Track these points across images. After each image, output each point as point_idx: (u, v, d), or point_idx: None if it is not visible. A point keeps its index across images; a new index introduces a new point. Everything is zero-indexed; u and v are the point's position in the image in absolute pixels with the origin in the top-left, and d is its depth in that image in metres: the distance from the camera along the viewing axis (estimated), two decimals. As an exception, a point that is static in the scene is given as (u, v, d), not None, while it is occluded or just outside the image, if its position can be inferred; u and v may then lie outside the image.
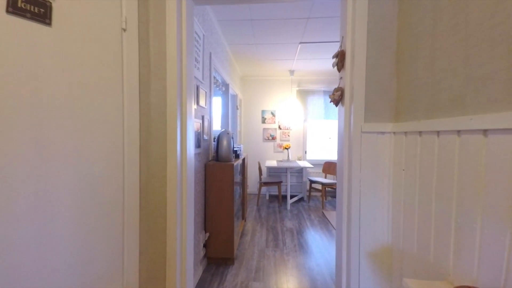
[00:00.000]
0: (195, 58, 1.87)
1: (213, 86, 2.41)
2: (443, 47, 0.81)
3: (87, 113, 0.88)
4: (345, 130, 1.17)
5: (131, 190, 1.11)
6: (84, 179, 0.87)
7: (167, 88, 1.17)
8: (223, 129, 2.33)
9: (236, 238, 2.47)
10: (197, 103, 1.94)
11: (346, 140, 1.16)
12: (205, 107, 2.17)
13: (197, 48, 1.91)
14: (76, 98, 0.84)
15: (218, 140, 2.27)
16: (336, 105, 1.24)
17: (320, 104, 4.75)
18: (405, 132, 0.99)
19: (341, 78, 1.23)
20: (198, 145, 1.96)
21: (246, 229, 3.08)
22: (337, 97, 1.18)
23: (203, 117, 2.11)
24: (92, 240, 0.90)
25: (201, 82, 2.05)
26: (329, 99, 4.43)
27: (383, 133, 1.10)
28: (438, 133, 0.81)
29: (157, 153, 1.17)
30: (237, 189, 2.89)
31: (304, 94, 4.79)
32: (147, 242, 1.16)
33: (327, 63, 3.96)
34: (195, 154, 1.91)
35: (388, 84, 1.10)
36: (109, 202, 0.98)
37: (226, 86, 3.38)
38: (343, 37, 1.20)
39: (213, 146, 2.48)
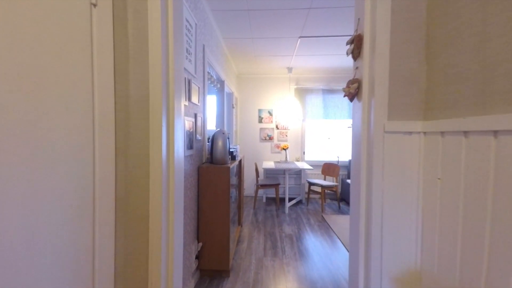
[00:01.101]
0: (187, 49, 1.66)
1: (207, 81, 2.20)
2: (501, 21, 0.64)
3: (43, 108, 0.66)
4: (363, 129, 0.98)
5: (105, 202, 0.90)
6: (38, 191, 0.66)
7: (150, 77, 0.96)
8: (218, 129, 2.13)
9: (232, 247, 2.27)
10: (189, 99, 1.73)
11: (364, 142, 0.98)
12: (198, 104, 1.96)
13: (189, 38, 1.70)
14: (27, 88, 0.63)
15: (213, 140, 2.07)
16: (351, 100, 1.05)
17: (319, 103, 4.59)
18: (442, 132, 0.82)
19: (356, 68, 1.04)
20: (190, 146, 1.76)
21: (242, 236, 2.89)
22: (353, 90, 0.99)
23: (195, 115, 1.91)
24: (47, 272, 0.69)
25: (194, 76, 1.84)
26: (334, 95, 4.22)
27: (410, 133, 0.92)
28: (495, 133, 0.63)
29: (137, 156, 0.97)
30: (233, 193, 2.69)
31: (302, 92, 4.62)
32: (125, 266, 0.95)
33: (327, 60, 3.80)
34: (187, 156, 1.70)
35: (416, 73, 0.92)
36: (73, 219, 0.77)
37: (221, 83, 3.17)
38: (359, 19, 1.01)
39: (207, 147, 2.28)
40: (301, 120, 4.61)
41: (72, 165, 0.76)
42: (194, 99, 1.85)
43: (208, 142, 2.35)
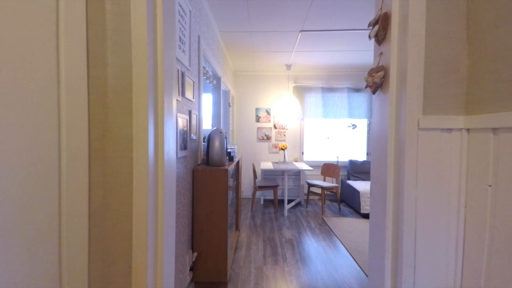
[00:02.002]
0: (180, 38, 1.48)
1: (202, 76, 2.03)
2: None
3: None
4: (390, 127, 0.82)
5: (74, 218, 0.72)
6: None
7: (133, 62, 0.78)
8: (215, 128, 1.96)
9: (230, 255, 2.10)
10: (182, 94, 1.56)
11: (392, 142, 0.82)
12: (193, 100, 1.78)
13: (182, 26, 1.53)
14: None
15: (209, 140, 1.89)
16: (374, 92, 0.90)
17: (318, 101, 4.44)
18: (495, 129, 0.67)
19: (381, 53, 0.89)
20: (183, 146, 1.58)
21: (240, 241, 2.71)
22: (379, 80, 0.83)
23: (190, 112, 1.73)
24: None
25: (188, 69, 1.66)
26: (333, 94, 4.09)
27: (449, 130, 0.76)
28: None
29: (118, 159, 0.79)
30: (231, 196, 2.52)
31: (301, 90, 4.47)
32: (100, 296, 0.77)
33: (327, 57, 3.66)
34: (180, 157, 1.53)
35: (456, 59, 0.76)
36: (33, 238, 0.59)
37: (218, 79, 2.99)
38: (384, -4, 0.86)
39: (202, 147, 2.10)
40: (300, 119, 4.46)
41: (23, 172, 0.58)
42: (189, 94, 1.67)
43: (204, 142, 2.17)
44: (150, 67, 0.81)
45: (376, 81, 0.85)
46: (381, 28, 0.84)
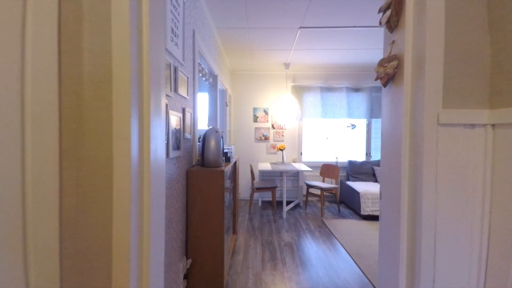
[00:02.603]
0: (172, 30, 1.39)
1: (197, 72, 1.93)
2: None
3: None
4: (404, 122, 0.73)
5: (43, 229, 0.62)
6: None
7: (113, 48, 0.69)
8: (211, 127, 1.86)
9: (227, 260, 2.00)
10: (175, 90, 1.46)
11: (406, 139, 0.73)
12: (187, 97, 1.68)
13: (175, 17, 1.43)
14: None
15: (204, 140, 1.79)
16: (385, 84, 0.81)
17: (317, 101, 4.37)
18: (529, 124, 0.58)
19: (393, 42, 0.80)
20: (177, 146, 1.48)
21: (237, 245, 2.61)
22: (391, 71, 0.75)
23: (184, 110, 1.63)
24: None
25: (181, 64, 1.57)
26: (332, 94, 4.02)
27: (472, 125, 0.68)
28: None
29: (95, 159, 0.69)
30: (228, 198, 2.42)
31: (299, 90, 4.39)
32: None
33: (327, 55, 3.58)
34: (172, 158, 1.42)
35: (478, 46, 0.68)
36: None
37: (214, 77, 2.90)
38: (396, -21, 0.77)
39: (197, 147, 2.00)
40: (298, 119, 4.38)
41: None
42: (182, 91, 1.57)
43: (199, 142, 2.07)
44: (134, 54, 0.71)
45: (388, 71, 0.76)
46: (393, 13, 0.75)
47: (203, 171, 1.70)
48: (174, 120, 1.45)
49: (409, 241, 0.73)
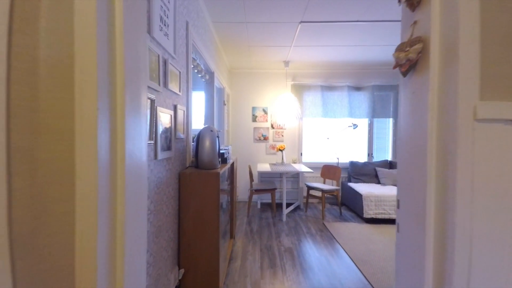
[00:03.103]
0: (161, 18, 1.26)
1: (191, 66, 1.80)
2: None
3: None
4: (431, 118, 0.61)
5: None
6: None
7: (76, 28, 0.56)
8: (206, 125, 1.73)
9: (223, 267, 1.87)
10: (165, 84, 1.33)
11: (433, 138, 0.61)
12: (179, 93, 1.56)
13: (164, 4, 1.30)
14: None
15: (198, 140, 1.66)
16: (406, 73, 0.68)
17: (317, 100, 4.25)
18: None
19: (415, 22, 0.67)
20: (166, 146, 1.35)
21: (235, 251, 2.48)
22: (415, 55, 0.62)
23: (175, 107, 1.50)
24: None
25: (172, 57, 1.44)
26: (333, 93, 3.91)
27: (517, 122, 0.55)
28: None
29: (53, 163, 0.56)
30: (224, 202, 2.29)
31: (299, 89, 4.27)
32: None
33: (327, 53, 3.46)
34: (162, 160, 1.30)
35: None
36: None
37: (211, 74, 2.77)
38: None
39: (192, 148, 1.87)
40: (298, 119, 4.25)
41: None
42: (173, 86, 1.45)
43: (194, 142, 1.94)
44: (102, 35, 0.58)
45: (411, 57, 0.64)
46: (417, -13, 0.63)
47: (197, 174, 1.57)
48: (164, 118, 1.32)
49: (437, 263, 0.60)
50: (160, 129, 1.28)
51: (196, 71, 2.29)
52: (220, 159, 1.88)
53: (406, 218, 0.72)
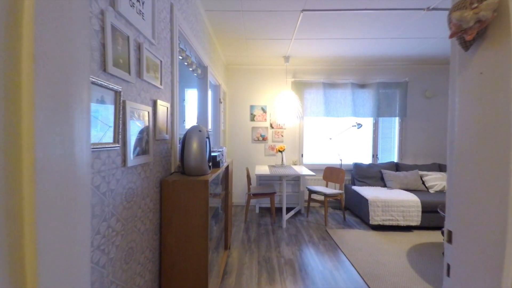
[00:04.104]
0: (133, -8, 1.02)
1: (177, 56, 1.56)
2: None
3: None
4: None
5: None
6: None
7: None
8: (194, 125, 1.49)
9: (215, 283, 1.63)
10: (138, 74, 1.09)
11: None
12: (160, 86, 1.32)
13: (138, -24, 1.06)
14: None
15: (184, 142, 1.42)
16: (470, 44, 0.44)
17: (319, 98, 4.01)
18: None
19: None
20: (142, 150, 1.11)
21: (230, 263, 2.25)
22: (490, 14, 0.38)
23: (155, 103, 1.26)
24: None
25: (150, 42, 1.20)
26: (336, 90, 3.71)
27: None
28: None
29: None
30: (218, 210, 2.05)
31: (300, 86, 4.03)
32: None
33: (330, 47, 3.22)
34: (136, 166, 1.06)
35: None
36: None
37: (204, 69, 2.53)
38: None
39: (178, 150, 1.63)
40: (299, 118, 4.01)
41: None
42: (152, 77, 1.20)
43: (180, 143, 1.70)
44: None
45: (483, 16, 0.40)
46: None
47: (182, 181, 1.33)
48: (139, 115, 1.08)
49: None
50: (133, 129, 1.04)
51: (186, 64, 2.04)
52: (211, 164, 1.64)
53: (465, 259, 0.48)
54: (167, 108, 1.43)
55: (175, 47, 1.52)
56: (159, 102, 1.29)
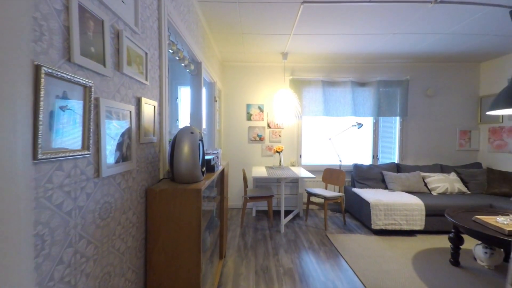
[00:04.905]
0: (109, -32, 0.85)
1: (166, 50, 1.39)
2: None
3: None
4: None
5: None
6: None
7: None
8: (185, 126, 1.33)
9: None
10: (116, 66, 0.92)
11: None
12: (146, 82, 1.15)
13: (115, -51, 0.89)
14: None
15: (174, 145, 1.26)
16: None
17: (318, 97, 3.87)
18: None
19: None
20: (122, 156, 0.95)
21: (225, 274, 2.09)
22: None
23: (139, 101, 1.10)
24: None
25: (132, 30, 1.03)
26: (335, 89, 3.58)
27: None
28: None
29: None
30: (213, 218, 1.89)
31: (298, 84, 3.88)
32: None
33: (330, 43, 3.08)
34: (114, 175, 0.89)
35: None
36: None
37: (197, 65, 2.36)
38: None
39: (167, 154, 1.47)
40: (298, 118, 3.87)
41: None
42: (134, 71, 1.04)
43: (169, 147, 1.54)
44: None
45: None
46: None
47: (170, 190, 1.17)
48: (116, 115, 0.91)
49: None
50: (111, 132, 0.88)
51: (177, 58, 1.87)
52: (204, 169, 1.48)
53: None
54: (155, 107, 1.26)
55: (163, 38, 1.35)
56: (144, 100, 1.13)
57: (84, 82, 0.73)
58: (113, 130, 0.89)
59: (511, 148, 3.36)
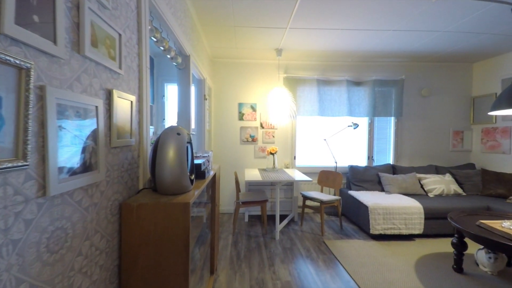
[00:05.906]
0: None
1: (148, 35, 1.16)
2: None
3: None
4: None
5: None
6: None
7: None
8: (170, 126, 1.11)
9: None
10: (75, 46, 0.69)
11: None
12: (119, 71, 0.92)
13: None
14: None
15: (156, 149, 1.04)
16: None
17: (313, 96, 3.72)
18: None
19: None
20: (86, 165, 0.72)
21: (217, 291, 1.88)
22: None
23: (109, 94, 0.87)
24: None
25: (101, 4, 0.80)
26: (331, 88, 3.44)
27: None
28: None
29: None
30: (204, 229, 1.68)
31: (293, 83, 3.72)
32: None
33: (327, 39, 2.93)
34: (70, 192, 0.66)
35: None
36: None
37: (185, 58, 2.13)
38: None
39: (148, 160, 1.24)
40: (292, 117, 3.70)
41: None
42: (103, 56, 0.81)
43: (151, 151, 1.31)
44: None
45: None
46: None
47: (151, 205, 0.95)
48: (74, 111, 0.69)
49: None
50: (66, 134, 0.65)
51: (162, 49, 1.64)
52: (194, 176, 1.26)
53: None
54: (132, 102, 1.04)
55: (143, 20, 1.13)
56: (116, 92, 0.90)
57: (18, 62, 0.50)
58: (70, 131, 0.67)
59: (504, 149, 3.34)
